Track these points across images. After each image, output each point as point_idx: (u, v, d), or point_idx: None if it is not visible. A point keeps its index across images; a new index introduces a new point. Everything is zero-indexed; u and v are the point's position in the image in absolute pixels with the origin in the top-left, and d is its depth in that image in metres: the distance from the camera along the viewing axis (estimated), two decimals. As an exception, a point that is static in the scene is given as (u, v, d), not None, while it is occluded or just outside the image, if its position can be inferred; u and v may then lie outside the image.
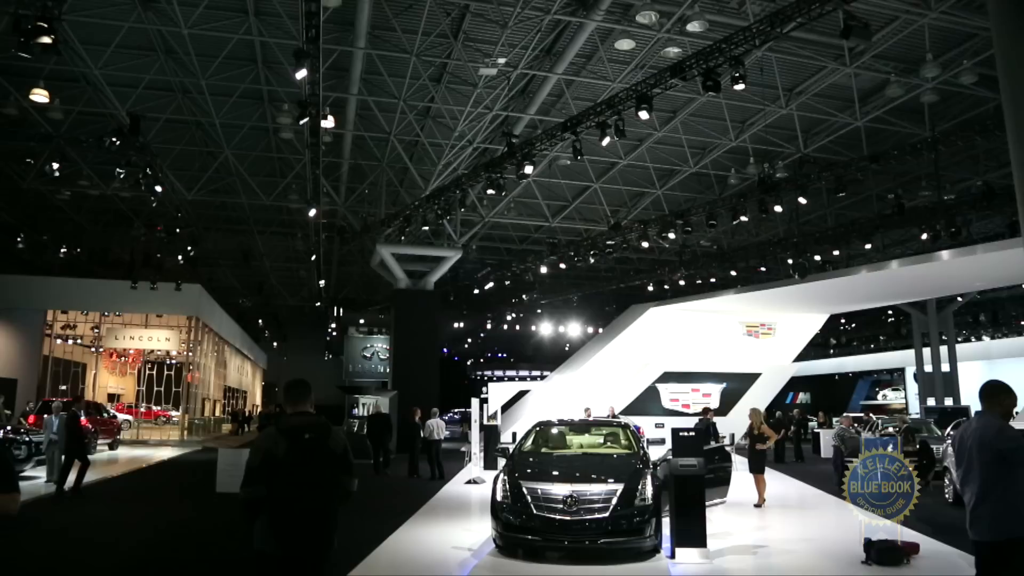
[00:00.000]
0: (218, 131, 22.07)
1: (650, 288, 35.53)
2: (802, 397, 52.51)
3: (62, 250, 28.03)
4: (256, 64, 18.52)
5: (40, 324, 29.44)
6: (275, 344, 56.19)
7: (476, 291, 35.95)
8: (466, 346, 60.73)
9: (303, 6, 12.78)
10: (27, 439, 15.31)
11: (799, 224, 26.94)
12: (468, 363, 63.45)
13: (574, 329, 47.46)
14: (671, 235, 24.79)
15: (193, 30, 16.17)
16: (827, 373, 52.46)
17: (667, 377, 26.42)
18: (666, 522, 8.48)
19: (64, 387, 32.53)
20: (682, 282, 32.41)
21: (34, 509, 12.08)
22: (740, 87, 14.43)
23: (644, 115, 15.22)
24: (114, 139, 18.15)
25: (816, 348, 43.44)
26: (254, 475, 4.32)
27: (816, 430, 27.25)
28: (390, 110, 20.80)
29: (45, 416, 15.69)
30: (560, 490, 8.18)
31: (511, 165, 18.92)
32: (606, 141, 16.80)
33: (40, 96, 17.88)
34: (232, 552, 8.70)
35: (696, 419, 18.02)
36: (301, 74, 14.04)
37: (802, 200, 21.55)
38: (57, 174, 20.68)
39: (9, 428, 15.89)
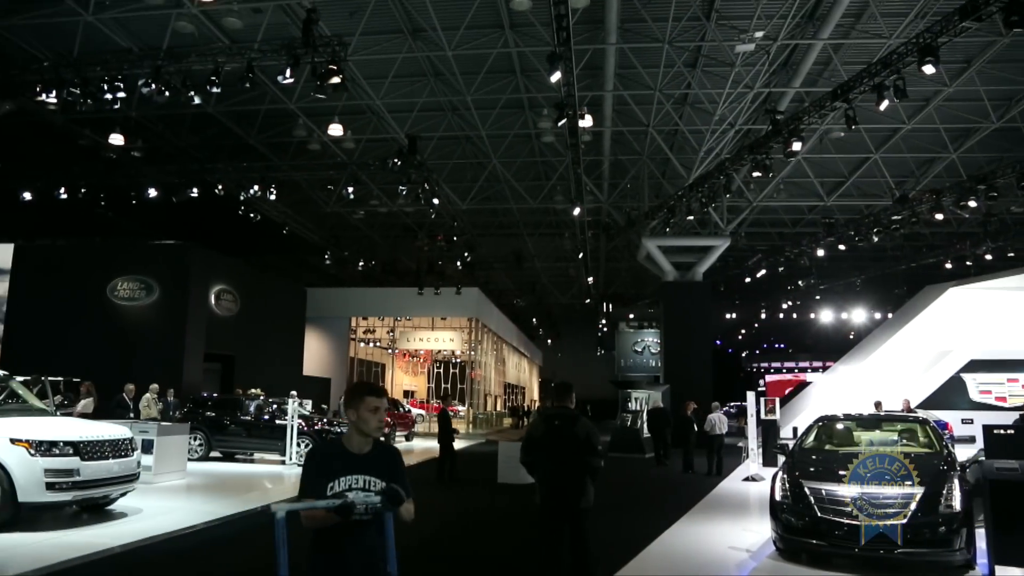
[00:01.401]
0: (485, 142, 23.37)
1: (948, 265, 31.54)
2: None
3: (360, 263, 31.54)
4: (515, 74, 19.33)
5: (346, 330, 33.42)
6: (549, 341, 58.36)
7: (747, 279, 34.47)
8: (740, 337, 58.49)
9: (552, 10, 13.08)
10: (340, 430, 17.38)
11: None
12: (743, 355, 61.05)
13: (859, 315, 43.62)
14: (972, 203, 21.75)
15: (456, 51, 17.29)
16: None
17: (975, 366, 23.18)
18: (980, 533, 7.40)
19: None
20: (988, 256, 28.35)
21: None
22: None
23: (929, 70, 13.47)
24: (396, 160, 20.00)
25: None
26: (524, 447, 6.21)
27: None
28: (646, 102, 20.62)
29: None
30: (847, 491, 7.46)
31: (777, 144, 17.83)
32: (884, 105, 15.13)
33: (336, 130, 20.20)
34: (511, 538, 9.09)
35: (1017, 414, 15.66)
36: (556, 77, 14.41)
37: None
38: (352, 196, 23.27)
39: (325, 421, 18.12)
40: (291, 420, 16.40)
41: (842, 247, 27.25)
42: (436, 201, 22.06)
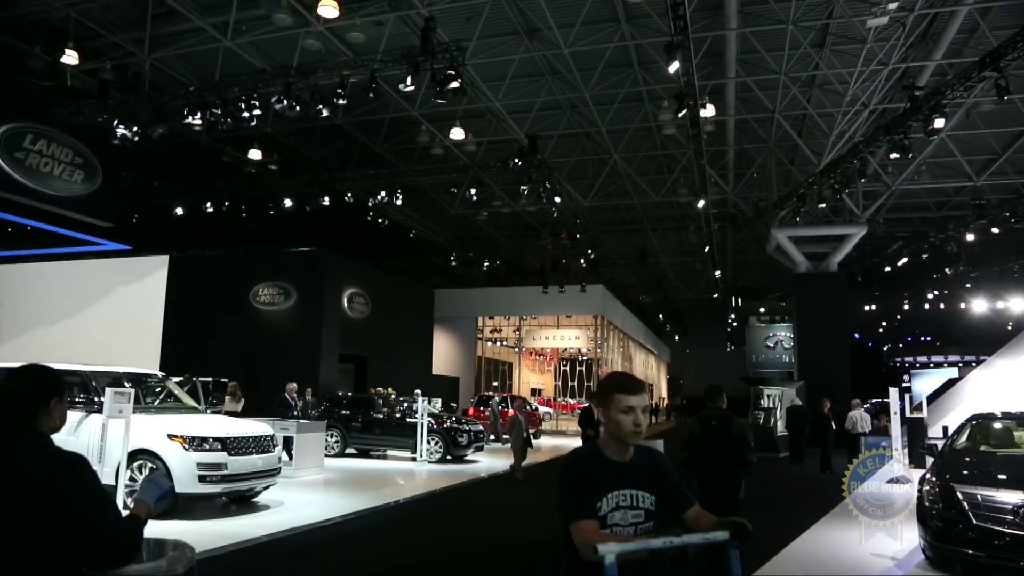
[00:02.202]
0: (605, 138, 23.18)
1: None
2: None
3: (485, 264, 32.05)
4: (633, 67, 19.05)
5: (473, 329, 34.05)
6: (676, 338, 57.25)
7: (887, 268, 32.46)
8: (880, 330, 55.19)
9: None
10: (467, 428, 17.77)
11: None
12: (884, 349, 57.60)
13: (1017, 304, 40.18)
14: None
15: (573, 48, 17.23)
16: None
17: None
18: None
19: (495, 383, 37.07)
20: None
21: (477, 488, 13.90)
22: None
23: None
24: (516, 161, 20.17)
25: None
26: (684, 445, 6.80)
27: None
28: (771, 87, 19.83)
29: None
30: (1008, 498, 6.84)
31: (917, 122, 16.71)
32: (1041, 75, 13.90)
33: (457, 134, 20.62)
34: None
35: None
36: (674, 67, 14.10)
37: None
38: (475, 198, 23.66)
39: (454, 419, 18.52)
40: (421, 418, 16.88)
41: (995, 230, 25.15)
42: (558, 199, 22.08)
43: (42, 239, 21.70)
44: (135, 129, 16.77)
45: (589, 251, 28.53)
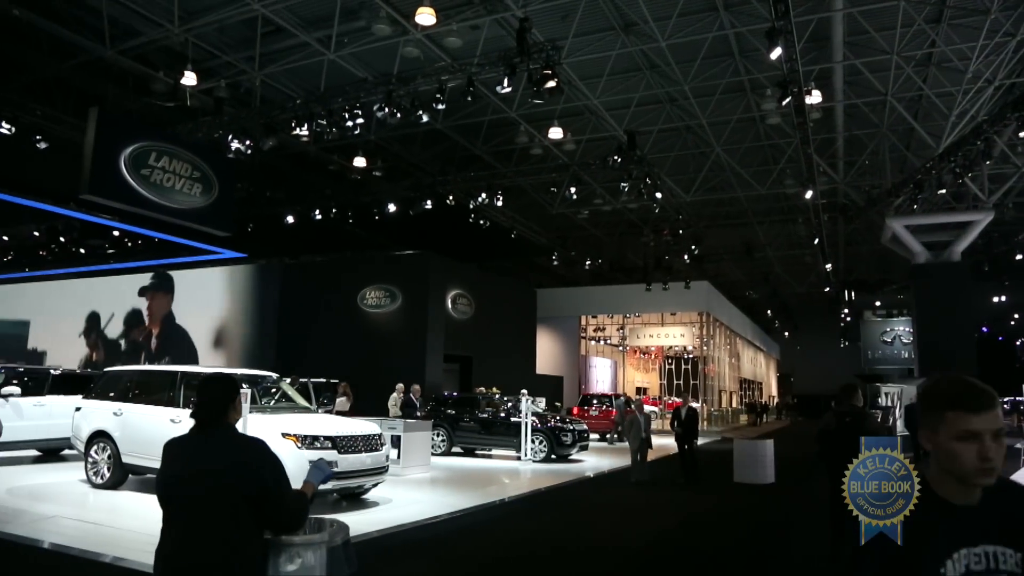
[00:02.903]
0: (706, 131, 22.65)
1: None
2: None
3: (587, 262, 31.93)
4: (733, 57, 18.53)
5: (576, 328, 33.97)
6: (786, 334, 55.38)
7: (1020, 256, 30.33)
8: (1012, 323, 51.56)
9: (769, -15, 12.39)
10: (571, 427, 17.75)
11: None
12: (1017, 343, 53.75)
13: None
14: None
15: (670, 41, 16.92)
16: None
17: None
18: None
19: (600, 381, 36.86)
20: None
21: (582, 488, 13.86)
22: None
23: None
24: (616, 158, 20.01)
25: None
26: (818, 439, 7.23)
27: None
28: (883, 68, 18.84)
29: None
30: None
31: (1048, 99, 15.54)
32: None
33: (556, 133, 20.63)
34: (744, 540, 8.72)
35: None
36: (776, 53, 13.65)
37: None
38: (575, 197, 23.62)
39: (558, 418, 18.54)
40: (525, 418, 16.98)
41: None
42: (659, 195, 21.76)
43: (170, 250, 23.20)
44: (248, 143, 17.65)
45: (693, 247, 27.98)
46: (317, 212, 23.98)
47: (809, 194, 22.08)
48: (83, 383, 13.31)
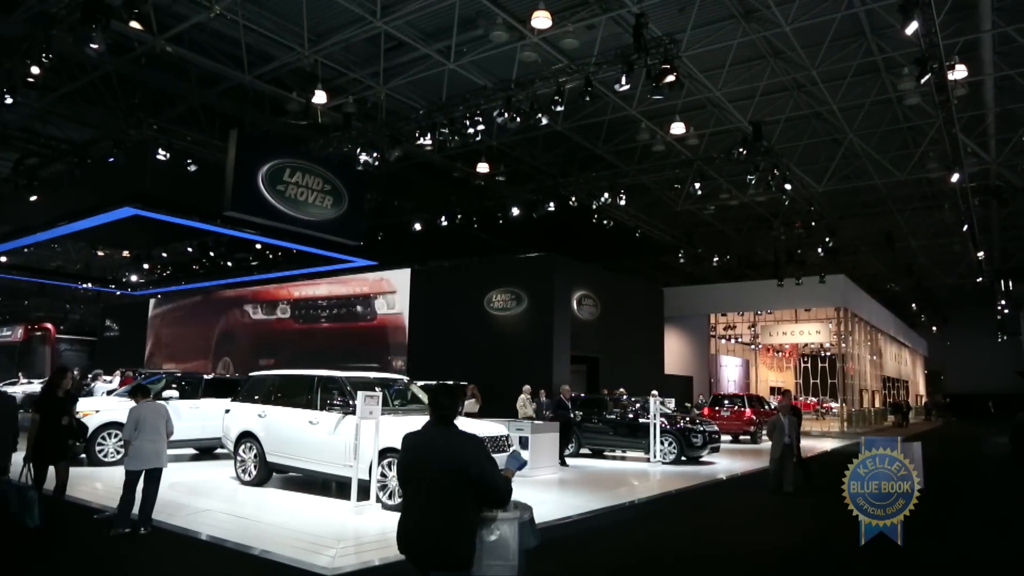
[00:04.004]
0: (838, 116, 21.55)
1: None
2: None
3: (715, 259, 31.09)
4: (864, 36, 17.54)
5: (705, 327, 33.14)
6: (934, 328, 51.78)
7: None
8: None
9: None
10: (702, 428, 17.36)
11: None
12: None
13: None
14: None
15: (795, 24, 16.21)
16: None
17: None
18: None
19: (731, 381, 35.80)
20: None
21: (714, 491, 13.49)
22: None
23: None
24: (741, 150, 19.38)
25: None
26: (1013, 438, 8.30)
27: None
28: (1039, 36, 17.30)
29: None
30: None
31: None
32: None
33: (678, 128, 20.23)
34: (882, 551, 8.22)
35: None
36: (913, 28, 12.82)
37: None
38: (699, 193, 23.04)
39: (688, 419, 18.17)
40: (653, 419, 16.74)
41: None
42: (788, 187, 20.89)
43: (306, 260, 24.48)
44: (375, 155, 18.34)
45: (827, 239, 26.66)
46: (443, 218, 24.59)
47: (956, 177, 20.56)
48: (232, 387, 14.25)
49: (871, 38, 17.56)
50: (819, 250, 27.68)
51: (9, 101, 14.74)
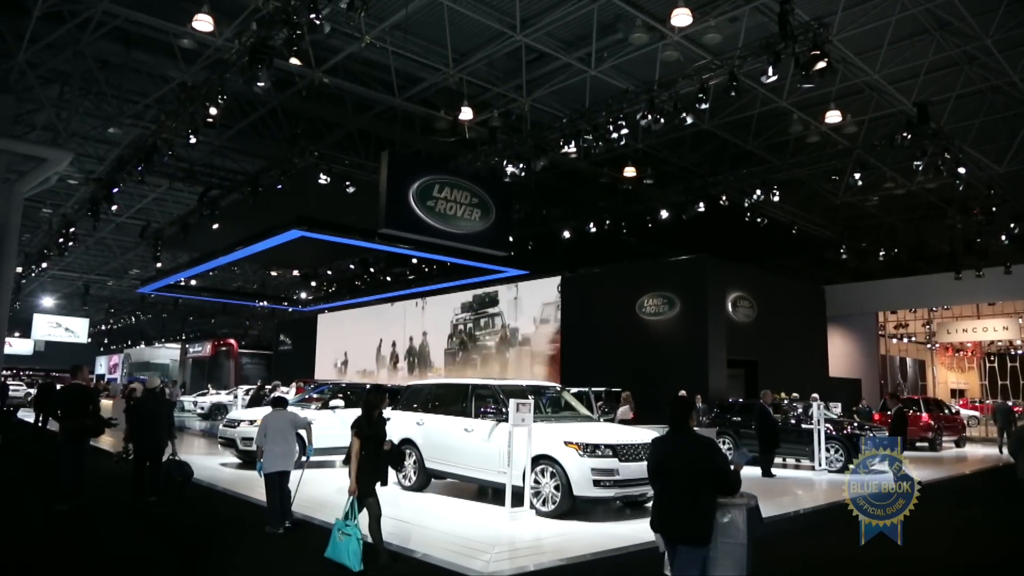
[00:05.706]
0: (1020, 89, 19.62)
1: None
2: None
3: (881, 253, 29.12)
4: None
5: (873, 326, 31.08)
6: None
7: None
8: None
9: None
10: (872, 436, 16.21)
11: None
12: None
13: None
14: None
15: (962, -6, 14.98)
16: None
17: None
18: None
19: (900, 383, 33.32)
20: None
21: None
22: None
23: None
24: (905, 134, 18.08)
25: None
26: None
27: None
28: None
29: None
30: None
31: None
32: None
33: (833, 116, 19.14)
34: None
35: None
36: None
37: None
38: (860, 183, 21.69)
39: (856, 425, 17.10)
40: (818, 424, 15.90)
41: None
42: (962, 170, 19.24)
43: (458, 272, 25.27)
44: (521, 166, 18.66)
45: (1011, 225, 24.29)
46: (591, 225, 24.59)
47: None
48: (393, 395, 14.93)
49: (1055, 0, 15.88)
50: (1003, 237, 25.26)
51: (193, 140, 16.35)
